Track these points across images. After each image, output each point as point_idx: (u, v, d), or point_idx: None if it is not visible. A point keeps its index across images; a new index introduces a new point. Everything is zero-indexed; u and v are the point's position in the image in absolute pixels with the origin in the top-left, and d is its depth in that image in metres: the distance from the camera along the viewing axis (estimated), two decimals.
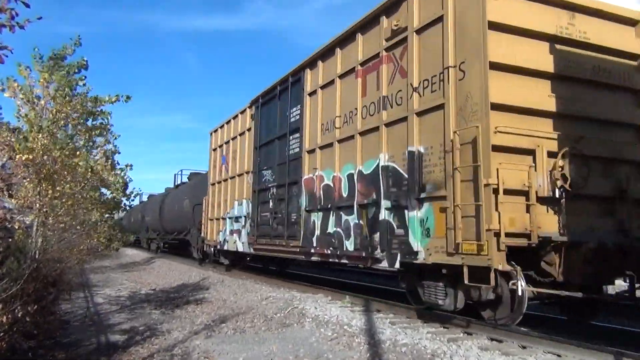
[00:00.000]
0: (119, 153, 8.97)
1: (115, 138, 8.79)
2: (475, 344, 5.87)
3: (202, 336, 6.91)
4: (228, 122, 15.31)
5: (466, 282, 5.93)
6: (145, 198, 35.23)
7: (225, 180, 15.11)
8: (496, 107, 5.93)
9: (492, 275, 5.61)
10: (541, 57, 6.43)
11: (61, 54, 7.34)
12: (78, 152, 7.43)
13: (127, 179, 9.35)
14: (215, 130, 16.61)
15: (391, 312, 8.02)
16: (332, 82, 9.34)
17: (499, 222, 5.64)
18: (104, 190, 9.51)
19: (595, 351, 5.25)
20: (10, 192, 6.51)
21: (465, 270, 5.91)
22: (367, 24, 8.36)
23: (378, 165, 7.73)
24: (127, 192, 9.66)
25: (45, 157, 6.40)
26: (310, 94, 10.18)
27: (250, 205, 12.83)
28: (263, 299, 9.89)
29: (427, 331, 6.58)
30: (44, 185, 6.47)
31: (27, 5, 3.11)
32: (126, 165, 9.10)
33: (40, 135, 6.38)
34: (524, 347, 5.67)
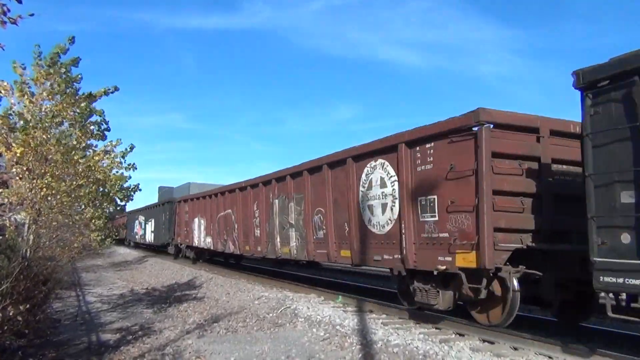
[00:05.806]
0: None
1: (116, 145, 8.67)
2: (467, 345, 5.89)
3: (194, 335, 6.89)
4: None
5: None
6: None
7: None
8: None
9: None
10: None
11: (56, 53, 7.33)
12: (74, 149, 7.39)
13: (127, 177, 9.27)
14: None
15: (384, 313, 8.03)
16: None
17: None
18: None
19: (586, 353, 5.28)
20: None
21: None
22: None
23: None
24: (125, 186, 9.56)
25: (39, 151, 6.37)
26: None
27: None
28: (255, 298, 9.87)
29: (419, 332, 6.59)
30: (37, 181, 6.43)
31: (19, 1, 3.07)
32: (130, 165, 8.96)
33: (35, 131, 6.37)
34: (515, 349, 5.70)
